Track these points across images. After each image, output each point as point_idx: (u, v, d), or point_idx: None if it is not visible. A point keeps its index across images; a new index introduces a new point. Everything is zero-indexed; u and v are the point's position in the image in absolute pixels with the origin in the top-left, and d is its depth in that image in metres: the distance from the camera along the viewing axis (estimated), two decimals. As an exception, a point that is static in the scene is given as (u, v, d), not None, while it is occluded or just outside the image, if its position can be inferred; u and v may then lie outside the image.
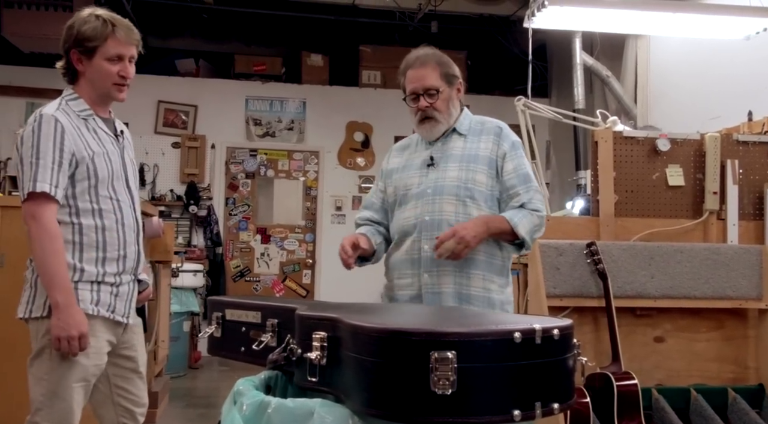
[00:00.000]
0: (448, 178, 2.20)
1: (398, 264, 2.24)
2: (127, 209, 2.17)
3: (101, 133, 2.15)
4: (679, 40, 5.10)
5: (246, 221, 7.04)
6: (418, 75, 2.19)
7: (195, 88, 7.01)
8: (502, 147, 2.23)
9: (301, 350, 1.47)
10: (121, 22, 2.13)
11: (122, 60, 2.12)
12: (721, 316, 3.10)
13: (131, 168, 2.25)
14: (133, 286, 2.22)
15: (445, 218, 2.16)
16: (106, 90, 2.13)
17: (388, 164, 2.39)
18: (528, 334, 1.21)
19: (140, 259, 2.24)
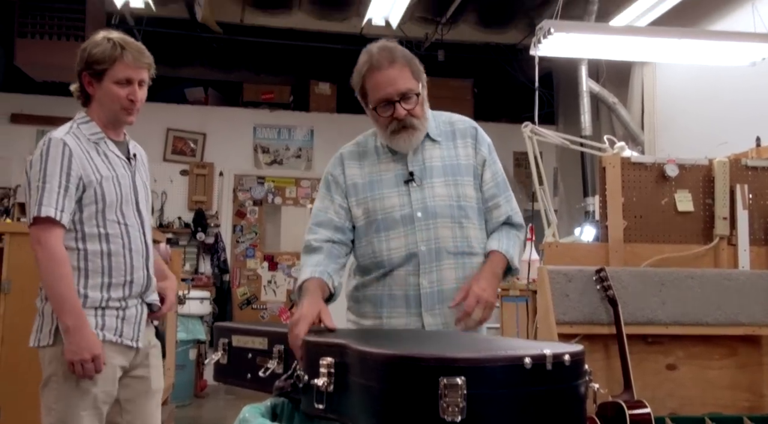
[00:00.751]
0: (437, 197, 1.90)
1: (386, 300, 1.93)
2: (136, 234, 2.14)
3: (112, 157, 2.15)
4: (684, 66, 5.12)
5: (253, 249, 7.05)
6: (389, 78, 1.82)
7: (204, 116, 7.07)
8: (481, 152, 1.98)
9: (308, 377, 1.45)
10: (131, 45, 2.11)
11: (131, 83, 2.10)
12: (734, 343, 3.05)
13: (143, 191, 2.23)
14: (141, 309, 2.18)
15: (443, 246, 1.89)
16: (115, 113, 2.13)
17: (345, 176, 1.98)
18: (538, 360, 1.19)
19: (149, 283, 2.21)
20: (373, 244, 1.92)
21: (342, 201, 1.98)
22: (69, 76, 2.23)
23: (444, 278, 1.90)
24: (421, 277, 1.89)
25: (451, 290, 1.89)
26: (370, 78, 1.85)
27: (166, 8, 6.25)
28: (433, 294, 1.89)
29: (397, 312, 1.93)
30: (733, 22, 4.56)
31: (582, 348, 1.31)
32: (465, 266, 1.92)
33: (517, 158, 7.27)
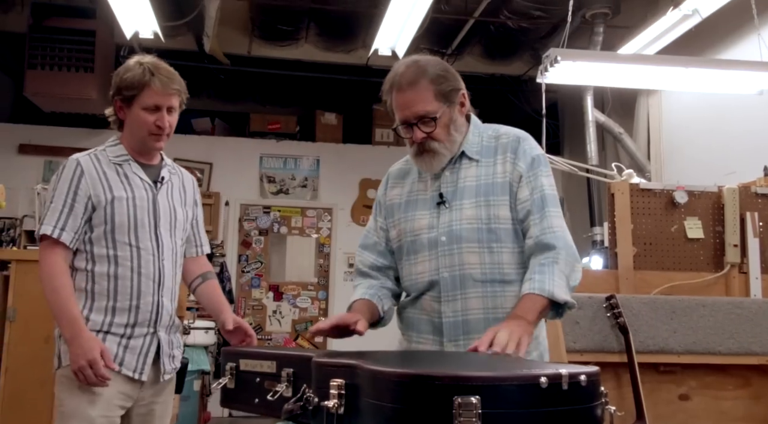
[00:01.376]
0: (465, 220, 1.77)
1: (416, 323, 1.87)
2: (149, 258, 2.08)
3: (134, 179, 2.12)
4: (691, 95, 5.14)
5: (258, 279, 7.02)
6: (408, 100, 1.75)
7: (210, 146, 7.10)
8: (518, 167, 1.78)
9: (318, 399, 1.42)
10: (162, 71, 2.09)
11: (159, 110, 2.08)
12: (747, 373, 3.00)
13: (167, 216, 2.14)
14: (151, 340, 2.09)
15: (469, 273, 1.75)
16: (143, 139, 2.11)
17: (386, 196, 1.95)
18: (554, 379, 1.16)
19: (162, 312, 2.10)
20: (406, 268, 1.87)
21: (383, 223, 1.94)
22: (77, 106, 2.25)
23: (469, 307, 1.76)
24: (443, 305, 1.78)
25: (478, 320, 1.75)
26: (393, 98, 1.80)
27: (174, 40, 6.33)
28: (457, 324, 1.77)
29: (424, 338, 1.84)
30: (739, 51, 4.58)
31: (598, 370, 1.28)
32: (495, 295, 1.76)
33: (523, 188, 7.27)
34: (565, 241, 1.74)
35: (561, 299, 1.65)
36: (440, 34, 6.31)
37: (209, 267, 2.37)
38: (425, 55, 1.83)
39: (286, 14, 6.29)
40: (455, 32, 6.35)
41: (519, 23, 6.13)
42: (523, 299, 1.65)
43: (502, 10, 5.98)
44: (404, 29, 4.77)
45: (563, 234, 1.75)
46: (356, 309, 1.87)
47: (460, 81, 1.82)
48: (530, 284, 1.66)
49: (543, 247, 1.72)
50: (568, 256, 1.71)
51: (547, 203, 1.76)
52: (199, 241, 2.33)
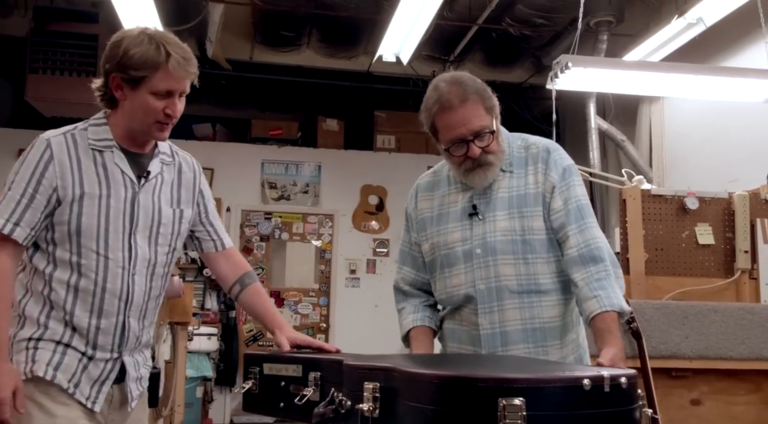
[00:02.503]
0: (499, 232, 1.78)
1: (456, 334, 1.88)
2: (117, 270, 1.73)
3: (114, 172, 1.75)
4: (693, 103, 5.16)
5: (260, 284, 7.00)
6: (462, 117, 1.73)
7: (211, 152, 7.09)
8: (550, 178, 1.80)
9: (351, 403, 1.41)
10: (177, 48, 1.72)
11: (171, 96, 1.72)
12: (759, 378, 3.00)
13: (149, 218, 1.79)
14: (112, 367, 1.75)
15: (505, 284, 1.77)
16: (146, 128, 1.75)
17: (416, 210, 1.96)
18: (597, 381, 1.17)
19: (127, 335, 1.76)
20: (440, 281, 1.89)
21: (416, 237, 1.96)
22: (79, 111, 1.95)
23: (507, 318, 1.78)
24: (480, 317, 1.79)
25: (516, 331, 1.77)
26: (441, 118, 1.76)
27: (177, 45, 6.33)
28: (495, 336, 1.78)
29: (465, 349, 1.85)
30: (745, 59, 4.61)
31: (635, 372, 1.29)
32: (532, 306, 1.78)
33: (524, 195, 7.29)
34: (609, 252, 1.78)
35: (628, 311, 1.74)
36: (442, 41, 6.33)
37: (245, 265, 2.04)
38: (460, 72, 1.84)
39: (288, 20, 6.29)
40: (457, 39, 6.36)
41: (521, 30, 6.15)
42: (606, 319, 1.68)
43: (505, 17, 6.00)
44: (409, 36, 4.78)
45: (606, 245, 1.78)
46: (418, 341, 1.91)
47: (493, 94, 1.85)
48: (599, 302, 1.69)
49: (590, 259, 1.74)
50: (615, 267, 1.77)
51: (585, 214, 1.79)
52: (216, 234, 1.99)
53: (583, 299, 1.72)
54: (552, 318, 1.79)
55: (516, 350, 1.76)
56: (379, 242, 7.18)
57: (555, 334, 1.80)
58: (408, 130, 7.37)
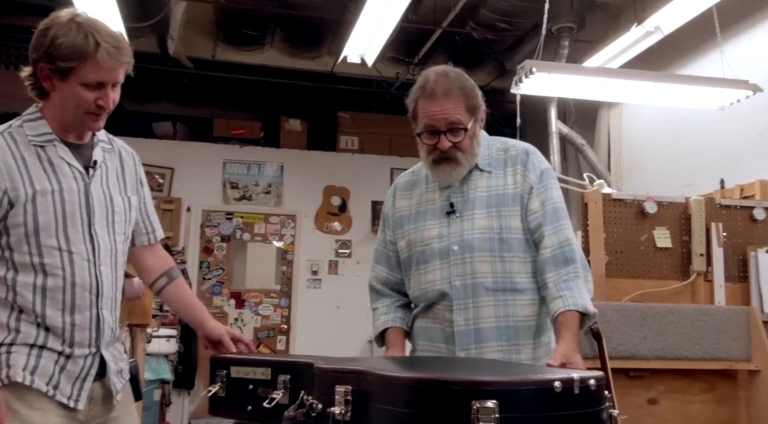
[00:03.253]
0: (477, 229, 1.81)
1: (429, 332, 1.88)
2: (83, 264, 1.69)
3: (60, 165, 1.70)
4: (651, 109, 5.29)
5: (220, 285, 6.93)
6: (440, 108, 1.77)
7: (172, 150, 6.99)
8: (529, 179, 1.83)
9: (322, 406, 1.41)
10: (108, 37, 1.65)
11: (103, 87, 1.67)
12: (712, 377, 3.09)
13: (103, 208, 1.75)
14: (91, 362, 1.72)
15: (481, 281, 1.79)
16: (78, 119, 1.70)
17: (394, 208, 1.98)
18: (568, 383, 1.19)
19: (103, 327, 1.73)
20: (415, 278, 1.90)
21: (392, 236, 1.98)
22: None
23: (481, 316, 1.79)
24: (455, 313, 1.80)
25: (490, 329, 1.79)
26: (422, 104, 1.80)
27: (137, 41, 6.20)
28: (469, 333, 1.79)
29: (436, 347, 1.85)
30: (701, 67, 4.74)
31: (603, 374, 1.31)
32: (507, 304, 1.80)
33: (485, 197, 7.37)
34: (581, 255, 1.81)
35: (592, 312, 1.73)
36: (407, 43, 6.35)
37: (171, 261, 2.02)
38: (453, 68, 1.85)
39: (251, 19, 6.24)
40: (421, 41, 6.40)
41: (484, 35, 6.22)
42: (567, 318, 1.71)
43: (468, 21, 6.05)
44: (375, 37, 4.79)
45: (578, 248, 1.83)
46: (392, 342, 1.92)
47: (480, 97, 1.86)
48: (564, 301, 1.72)
49: (562, 261, 1.77)
50: (585, 270, 1.80)
51: (561, 216, 1.82)
52: (150, 226, 1.96)
53: (550, 299, 1.76)
54: (526, 317, 1.81)
55: (489, 348, 1.77)
56: (341, 243, 7.17)
57: (529, 333, 1.81)
58: (371, 131, 7.39)
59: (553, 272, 1.77)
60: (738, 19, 4.53)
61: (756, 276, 3.17)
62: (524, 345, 1.80)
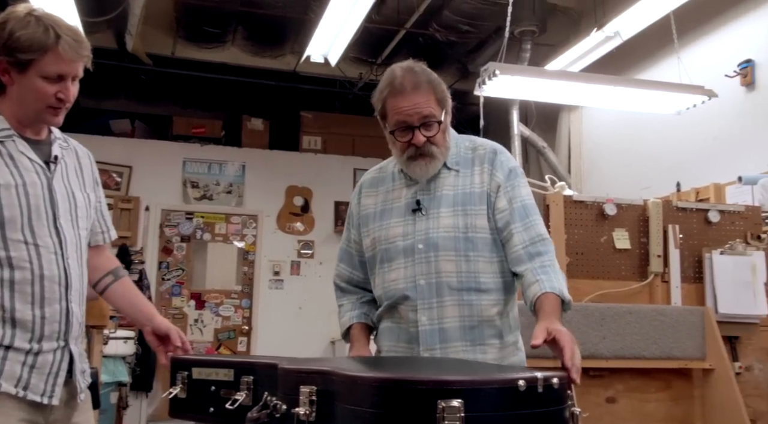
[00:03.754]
0: (442, 228, 1.78)
1: (393, 332, 1.85)
2: (51, 257, 1.68)
3: (21, 160, 1.69)
4: (610, 113, 5.38)
5: (180, 286, 6.83)
6: (411, 103, 1.73)
7: (130, 148, 6.87)
8: (496, 178, 1.80)
9: (286, 407, 1.40)
10: (68, 31, 1.67)
11: (63, 80, 1.67)
12: (668, 376, 3.16)
13: (66, 203, 1.76)
14: (61, 356, 1.70)
15: (445, 280, 1.76)
16: (38, 113, 1.70)
17: (359, 206, 1.94)
18: (531, 382, 1.19)
19: (71, 320, 1.72)
20: (379, 277, 1.86)
21: (356, 234, 1.95)
22: None
23: (446, 315, 1.76)
24: (420, 313, 1.76)
25: (454, 329, 1.76)
26: (391, 101, 1.76)
27: (94, 37, 6.09)
28: (434, 332, 1.75)
29: (401, 347, 1.82)
30: (658, 72, 4.84)
31: (566, 374, 1.33)
32: (471, 304, 1.77)
33: (447, 198, 7.41)
34: (552, 246, 1.78)
35: (567, 298, 1.68)
36: (370, 44, 6.36)
37: (117, 261, 2.03)
38: (417, 62, 1.81)
39: (213, 16, 6.18)
40: (385, 42, 6.41)
41: (447, 36, 6.26)
42: (546, 298, 1.64)
43: (432, 22, 6.08)
44: (338, 37, 4.78)
45: (549, 240, 1.79)
46: (356, 337, 1.91)
47: (448, 91, 1.84)
48: (540, 285, 1.67)
49: (535, 254, 1.73)
50: (554, 262, 1.76)
51: (530, 212, 1.79)
52: (105, 226, 1.96)
53: (526, 286, 1.71)
54: (491, 317, 1.77)
55: (454, 348, 1.75)
56: (303, 243, 7.13)
57: (494, 333, 1.78)
58: (334, 131, 7.37)
59: (528, 264, 1.73)
60: (694, 26, 4.65)
61: (710, 277, 3.25)
62: (490, 345, 1.78)
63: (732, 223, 3.39)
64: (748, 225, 3.40)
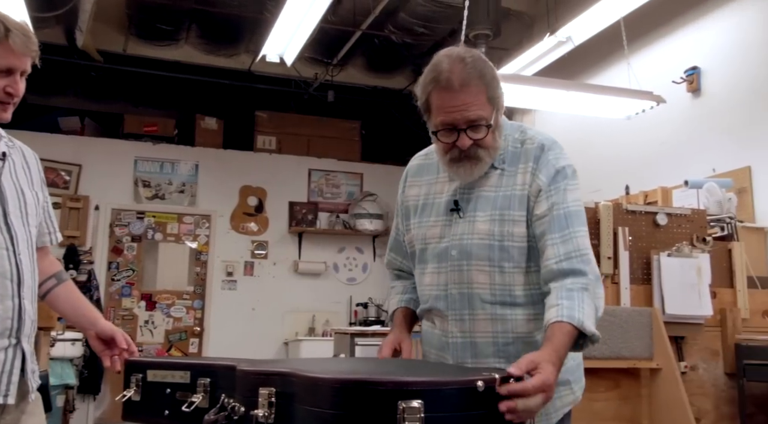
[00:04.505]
0: (476, 235, 1.61)
1: (430, 337, 1.75)
2: (1, 253, 1.67)
3: None
4: (562, 116, 5.49)
5: (130, 287, 6.70)
6: (458, 102, 1.53)
7: (79, 146, 6.72)
8: (538, 180, 1.60)
9: (245, 409, 1.39)
10: (17, 25, 1.67)
11: (12, 73, 1.67)
12: (617, 376, 3.23)
13: (16, 200, 1.73)
14: (13, 354, 1.68)
15: (477, 293, 1.61)
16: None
17: (404, 196, 1.80)
18: (490, 383, 1.22)
19: (24, 317, 1.69)
20: (417, 276, 1.75)
21: (401, 225, 1.82)
22: None
23: (477, 329, 1.62)
24: (450, 323, 1.64)
25: (486, 344, 1.61)
26: (436, 97, 1.55)
27: (42, 32, 5.94)
28: (465, 345, 1.63)
29: (433, 354, 1.71)
30: (608, 77, 4.96)
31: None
32: (505, 319, 1.61)
33: (402, 200, 7.44)
34: (593, 266, 1.56)
35: (589, 332, 1.46)
36: (326, 44, 6.35)
37: (59, 265, 2.01)
38: (470, 50, 1.60)
39: (166, 13, 6.09)
40: (340, 43, 6.41)
41: (402, 38, 6.29)
42: (557, 328, 1.44)
43: (387, 24, 6.11)
44: (294, 37, 4.76)
45: (590, 258, 1.56)
46: (395, 323, 1.81)
47: (500, 83, 1.63)
48: (559, 311, 1.46)
49: (569, 272, 1.51)
50: (596, 285, 1.53)
51: (572, 222, 1.56)
52: (51, 227, 1.94)
53: (547, 307, 1.51)
54: (527, 333, 1.60)
55: (486, 364, 1.61)
56: (257, 243, 7.07)
57: (530, 350, 1.50)
58: (289, 131, 7.32)
59: (558, 282, 1.52)
60: (643, 33, 4.78)
61: (658, 278, 3.33)
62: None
63: (679, 226, 3.49)
64: (694, 228, 3.50)
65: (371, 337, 5.00)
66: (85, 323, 1.92)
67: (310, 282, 7.11)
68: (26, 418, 1.74)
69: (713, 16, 4.38)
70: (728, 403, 3.32)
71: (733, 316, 3.36)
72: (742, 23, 4.21)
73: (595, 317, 1.50)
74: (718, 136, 4.27)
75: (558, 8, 5.28)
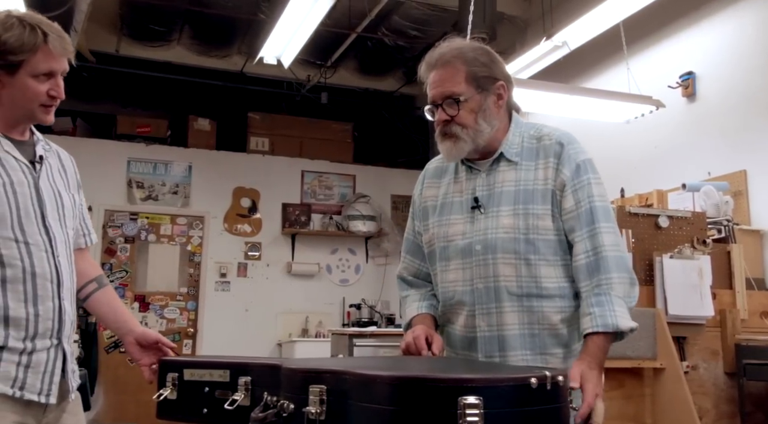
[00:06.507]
0: (501, 229, 1.64)
1: (454, 339, 1.75)
2: (41, 255, 1.69)
3: (7, 159, 1.70)
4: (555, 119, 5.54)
5: (123, 288, 6.66)
6: (436, 78, 1.65)
7: (72, 147, 6.47)
8: (562, 175, 1.64)
9: (294, 406, 1.42)
10: (52, 28, 1.70)
11: (53, 76, 1.70)
12: (621, 375, 3.28)
13: (53, 202, 1.75)
14: (55, 354, 1.70)
15: (504, 285, 1.64)
16: (30, 112, 1.71)
17: (422, 197, 1.83)
18: (542, 380, 1.26)
19: (64, 318, 1.73)
20: (438, 275, 1.76)
21: (419, 226, 1.84)
22: None
23: (505, 322, 1.65)
24: (478, 318, 1.67)
25: (514, 336, 1.64)
26: (425, 76, 1.70)
27: (35, 32, 5.91)
28: (493, 339, 1.66)
29: (463, 354, 1.73)
30: (605, 81, 5.03)
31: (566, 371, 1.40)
32: (533, 311, 1.63)
33: (394, 201, 7.46)
34: (617, 261, 1.59)
35: (626, 329, 1.55)
36: (319, 46, 6.37)
37: (100, 268, 2.04)
38: (466, 40, 1.73)
39: (158, 14, 6.08)
40: (334, 45, 6.44)
41: (395, 41, 6.34)
42: (592, 341, 1.54)
43: (381, 26, 6.15)
44: (293, 39, 4.78)
45: (615, 253, 1.60)
46: (420, 321, 1.79)
47: (502, 71, 1.72)
48: (592, 320, 1.54)
49: (595, 269, 1.59)
50: (622, 278, 1.58)
51: (598, 217, 1.61)
52: (87, 229, 1.96)
53: (581, 315, 1.59)
54: (554, 325, 1.64)
55: (514, 357, 1.65)
56: (251, 245, 7.07)
57: (557, 342, 1.64)
58: (282, 133, 7.33)
59: (586, 282, 1.60)
60: (639, 38, 4.85)
61: (661, 280, 3.39)
62: (552, 354, 1.65)
63: (680, 228, 3.56)
64: (694, 230, 3.57)
65: (369, 338, 5.03)
66: (125, 329, 1.93)
67: (303, 283, 7.12)
68: (67, 417, 1.76)
69: (709, 21, 4.47)
70: (728, 402, 3.40)
71: (733, 317, 3.44)
72: (737, 29, 4.31)
73: (628, 309, 1.58)
74: (713, 141, 4.36)
75: (553, 12, 5.35)
